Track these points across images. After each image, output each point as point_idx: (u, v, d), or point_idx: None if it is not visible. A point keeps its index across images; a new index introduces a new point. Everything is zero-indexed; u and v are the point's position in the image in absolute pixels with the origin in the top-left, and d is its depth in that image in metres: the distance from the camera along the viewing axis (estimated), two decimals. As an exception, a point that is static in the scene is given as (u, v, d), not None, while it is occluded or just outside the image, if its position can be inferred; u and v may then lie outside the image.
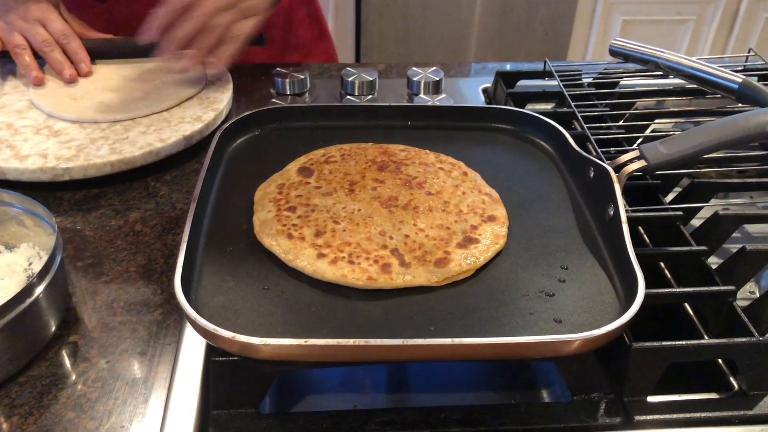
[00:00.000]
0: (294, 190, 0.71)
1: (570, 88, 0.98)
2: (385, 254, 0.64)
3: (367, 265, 0.62)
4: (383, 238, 0.65)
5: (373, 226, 0.67)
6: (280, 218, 0.67)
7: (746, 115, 0.67)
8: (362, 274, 0.61)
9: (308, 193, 0.71)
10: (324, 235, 0.65)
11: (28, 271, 0.71)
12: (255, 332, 0.53)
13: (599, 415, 0.59)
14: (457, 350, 0.54)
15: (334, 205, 0.69)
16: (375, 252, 0.64)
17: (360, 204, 0.69)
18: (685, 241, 0.71)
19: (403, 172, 0.74)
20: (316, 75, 1.14)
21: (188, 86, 1.01)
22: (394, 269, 0.62)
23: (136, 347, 0.66)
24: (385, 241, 0.65)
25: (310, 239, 0.65)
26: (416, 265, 0.63)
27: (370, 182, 0.72)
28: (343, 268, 0.62)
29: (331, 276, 0.61)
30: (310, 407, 0.64)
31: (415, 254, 0.64)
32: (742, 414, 0.60)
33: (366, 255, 0.63)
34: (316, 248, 0.64)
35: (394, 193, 0.71)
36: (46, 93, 0.98)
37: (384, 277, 0.61)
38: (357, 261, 0.63)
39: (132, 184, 0.89)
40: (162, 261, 0.77)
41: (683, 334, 0.62)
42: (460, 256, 0.64)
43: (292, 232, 0.66)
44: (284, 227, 0.66)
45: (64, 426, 0.59)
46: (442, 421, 0.58)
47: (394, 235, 0.66)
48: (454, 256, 0.64)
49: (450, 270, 0.62)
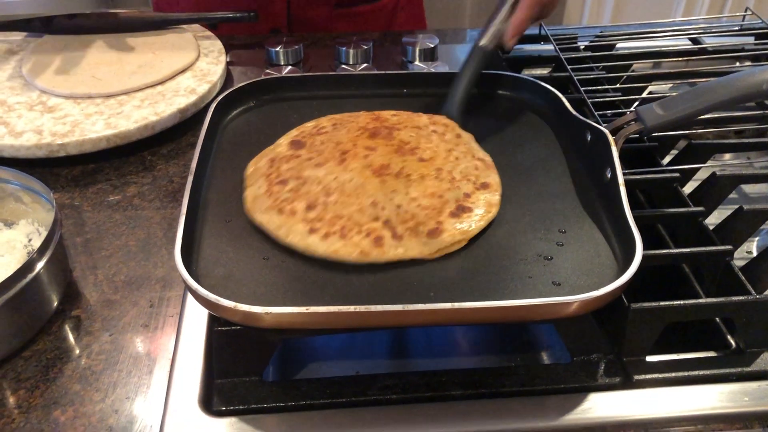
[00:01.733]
0: (285, 164, 0.70)
1: (566, 53, 0.98)
2: (377, 226, 0.62)
3: (359, 239, 0.61)
4: (375, 210, 0.64)
5: (365, 196, 0.65)
6: (270, 193, 0.66)
7: (743, 75, 0.67)
8: (354, 248, 0.61)
9: (299, 165, 0.70)
10: (315, 208, 0.64)
11: (28, 248, 0.71)
12: (256, 302, 0.54)
13: (599, 375, 0.60)
14: (457, 314, 0.54)
15: (325, 176, 0.68)
16: (367, 225, 0.63)
17: (352, 174, 0.67)
18: (682, 202, 0.71)
19: (395, 137, 0.72)
20: (309, 45, 1.13)
21: (181, 59, 1.00)
22: (386, 242, 0.61)
23: (138, 320, 0.67)
24: (377, 213, 0.64)
25: (301, 214, 0.64)
26: (409, 237, 0.62)
27: (362, 150, 0.70)
28: (334, 243, 0.61)
29: (323, 252, 0.61)
30: (312, 374, 0.65)
31: (408, 225, 0.63)
32: (739, 371, 0.60)
33: (358, 228, 0.62)
34: (307, 223, 0.63)
35: (386, 161, 0.69)
36: (38, 69, 0.97)
37: (376, 251, 0.61)
38: (349, 235, 0.62)
39: (128, 158, 0.89)
40: (161, 234, 0.77)
41: (681, 294, 0.62)
42: (452, 226, 0.63)
43: (283, 206, 0.65)
44: (275, 202, 0.65)
45: (71, 398, 0.59)
46: (443, 385, 0.59)
47: (387, 206, 0.64)
48: (447, 226, 0.63)
49: (443, 241, 0.62)
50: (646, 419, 0.57)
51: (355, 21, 1.24)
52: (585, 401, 0.58)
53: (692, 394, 0.59)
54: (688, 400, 0.59)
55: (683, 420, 0.58)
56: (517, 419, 0.57)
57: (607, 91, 0.90)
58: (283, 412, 0.57)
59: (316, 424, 0.56)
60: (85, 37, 1.04)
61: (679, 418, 0.58)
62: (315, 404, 0.58)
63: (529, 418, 0.57)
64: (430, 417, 0.57)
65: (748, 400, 0.58)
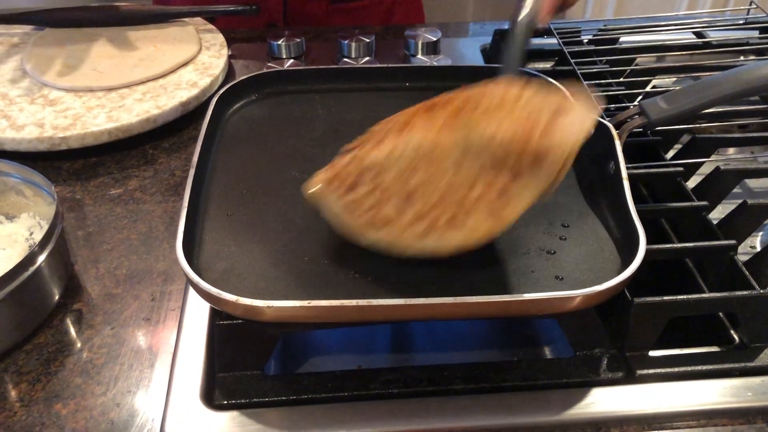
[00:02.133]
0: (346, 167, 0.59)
1: (569, 46, 0.97)
2: (486, 180, 0.54)
3: (477, 218, 0.54)
4: (466, 159, 0.54)
5: (446, 156, 0.55)
6: (350, 207, 0.58)
7: (748, 68, 0.67)
8: (475, 232, 0.55)
9: (360, 157, 0.59)
10: (410, 203, 0.56)
11: (29, 241, 0.71)
12: (258, 295, 0.53)
13: (601, 369, 0.60)
14: (459, 308, 0.54)
15: (391, 154, 0.56)
16: (474, 189, 0.54)
17: (417, 137, 0.57)
18: (686, 196, 0.71)
19: (452, 103, 0.60)
20: (311, 38, 1.13)
21: (183, 52, 1.00)
22: (511, 191, 0.54)
23: (140, 313, 0.67)
24: (470, 164, 0.54)
25: (397, 219, 0.56)
26: (528, 168, 0.53)
27: (420, 120, 0.59)
28: (453, 237, 0.55)
29: (450, 251, 0.55)
30: (314, 369, 0.65)
31: (515, 147, 0.53)
32: (742, 366, 0.60)
33: (465, 207, 0.55)
34: (410, 227, 0.56)
35: (450, 119, 0.57)
36: (40, 62, 0.97)
37: (507, 208, 0.54)
38: (462, 219, 0.55)
39: (130, 152, 0.88)
40: (163, 228, 0.77)
41: (685, 289, 0.62)
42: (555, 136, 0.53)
43: (374, 218, 0.57)
44: (362, 215, 0.57)
45: (72, 391, 0.59)
46: (445, 379, 0.59)
47: (475, 143, 0.54)
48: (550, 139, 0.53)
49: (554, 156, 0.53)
50: (648, 414, 0.57)
51: (352, 16, 1.24)
52: (587, 396, 0.58)
53: (695, 389, 0.59)
54: (691, 395, 0.58)
55: (686, 415, 0.57)
56: (519, 414, 0.57)
57: (611, 85, 0.90)
58: (285, 406, 0.57)
59: (318, 418, 0.56)
60: (87, 31, 1.04)
61: (682, 413, 0.57)
62: (317, 398, 0.58)
63: (531, 412, 0.57)
64: (432, 411, 0.57)
65: (751, 395, 0.58)
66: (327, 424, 0.56)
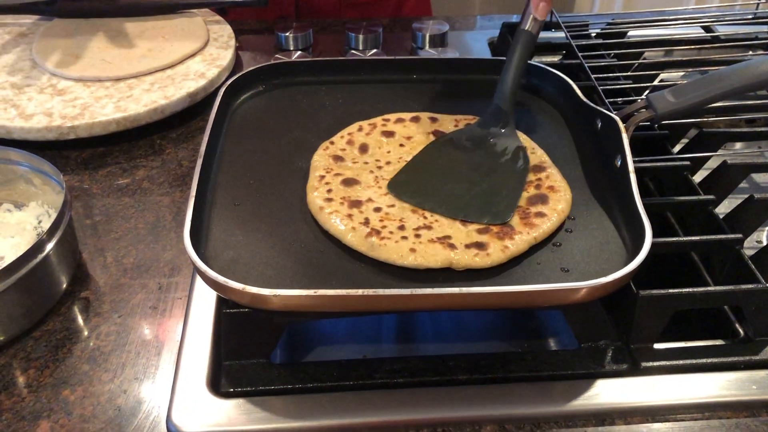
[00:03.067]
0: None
1: (577, 40, 0.97)
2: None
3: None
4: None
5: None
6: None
7: (755, 62, 0.66)
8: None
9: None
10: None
11: (38, 229, 0.72)
12: (265, 284, 0.54)
13: (606, 362, 0.60)
14: (464, 299, 0.54)
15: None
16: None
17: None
18: (692, 190, 0.71)
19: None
20: (319, 30, 1.13)
21: (191, 43, 1.00)
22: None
23: (147, 302, 0.67)
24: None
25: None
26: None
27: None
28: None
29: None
30: (320, 358, 0.65)
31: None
32: (747, 359, 0.60)
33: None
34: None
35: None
36: (48, 52, 0.97)
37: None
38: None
39: (138, 142, 0.89)
40: (170, 218, 0.77)
41: (690, 283, 0.62)
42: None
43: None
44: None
45: (80, 378, 0.60)
46: (450, 369, 0.59)
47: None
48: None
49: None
50: (653, 406, 0.57)
51: (362, 10, 1.24)
52: (592, 387, 0.58)
53: (700, 381, 0.59)
54: (695, 387, 0.58)
55: (690, 407, 0.58)
56: (523, 404, 0.57)
57: (618, 79, 0.90)
58: (290, 394, 0.57)
59: (323, 406, 0.56)
60: (96, 21, 1.04)
61: (686, 405, 0.58)
62: (322, 386, 0.58)
63: (536, 403, 0.57)
64: (437, 400, 0.57)
65: (756, 388, 0.58)
66: (332, 412, 0.56)
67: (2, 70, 0.95)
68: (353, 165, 0.70)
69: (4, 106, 0.87)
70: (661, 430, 0.56)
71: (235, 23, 1.10)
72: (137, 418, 0.57)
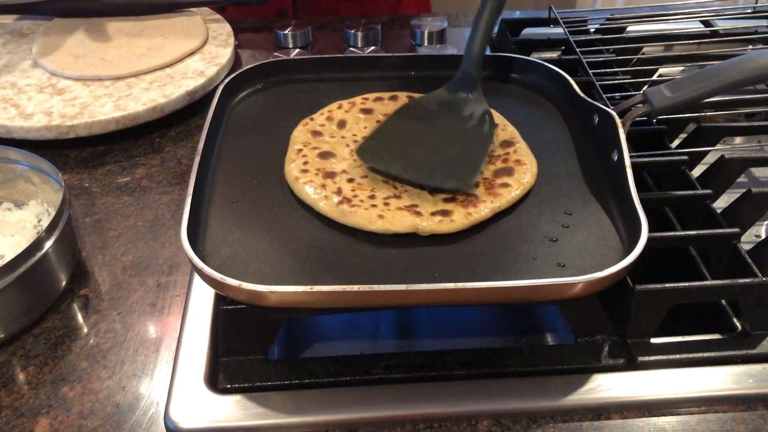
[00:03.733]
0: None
1: (576, 35, 0.97)
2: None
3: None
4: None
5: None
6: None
7: (752, 56, 0.66)
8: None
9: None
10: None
11: (37, 228, 0.72)
12: (262, 281, 0.54)
13: (603, 356, 0.60)
14: (460, 294, 0.54)
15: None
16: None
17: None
18: (690, 185, 0.71)
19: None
20: (318, 28, 1.13)
21: (190, 42, 1.00)
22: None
23: (146, 299, 0.67)
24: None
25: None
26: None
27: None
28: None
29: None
30: (317, 354, 0.66)
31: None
32: (744, 353, 0.60)
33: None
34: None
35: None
36: (48, 51, 0.98)
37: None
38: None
39: (137, 141, 0.89)
40: (169, 216, 0.77)
41: (687, 278, 0.62)
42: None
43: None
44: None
45: (78, 375, 0.60)
46: (447, 365, 0.59)
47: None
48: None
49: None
50: (649, 400, 0.57)
51: (360, 6, 1.24)
52: (588, 382, 0.58)
53: (696, 375, 0.59)
54: (692, 381, 0.58)
55: (687, 401, 0.58)
56: (519, 399, 0.57)
57: (617, 74, 0.90)
58: (288, 390, 0.58)
59: (320, 402, 0.57)
60: (95, 20, 1.05)
61: (683, 400, 0.58)
62: (319, 382, 0.58)
63: (532, 397, 0.57)
64: (433, 396, 0.57)
65: (753, 382, 0.58)
66: (329, 407, 0.56)
67: (2, 70, 0.95)
68: (330, 139, 0.73)
69: (4, 105, 0.87)
70: (658, 424, 0.56)
71: (234, 21, 1.10)
72: (135, 414, 0.57)
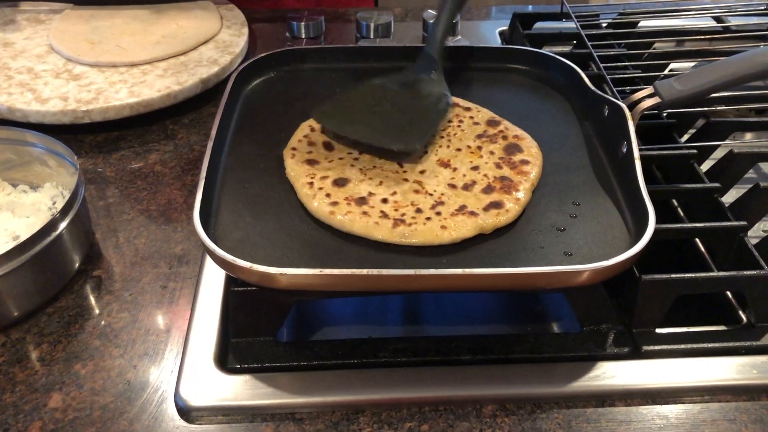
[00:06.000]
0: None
1: (587, 29, 0.97)
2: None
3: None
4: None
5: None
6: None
7: (761, 51, 0.67)
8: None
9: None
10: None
11: (52, 210, 0.73)
12: (272, 264, 0.55)
13: (608, 345, 0.61)
14: (467, 280, 0.55)
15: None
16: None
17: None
18: (698, 178, 0.71)
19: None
20: (331, 19, 1.14)
21: (204, 30, 1.01)
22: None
23: (157, 281, 0.68)
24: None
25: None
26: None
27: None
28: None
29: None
30: (325, 337, 0.67)
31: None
32: (749, 345, 0.61)
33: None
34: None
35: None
36: (65, 37, 0.99)
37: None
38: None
39: (151, 127, 0.90)
40: (181, 200, 0.78)
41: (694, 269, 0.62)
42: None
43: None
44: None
45: (91, 353, 0.61)
46: (453, 350, 0.60)
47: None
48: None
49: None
50: (653, 388, 0.58)
51: None
52: (593, 369, 0.59)
53: (701, 365, 0.59)
54: (696, 371, 0.59)
55: (690, 390, 0.58)
56: (525, 384, 0.58)
57: (627, 68, 0.90)
58: (296, 371, 0.59)
59: (328, 383, 0.58)
60: (111, 8, 1.06)
61: (686, 389, 0.58)
62: (327, 364, 0.59)
63: (537, 383, 0.58)
64: (439, 380, 0.58)
65: (757, 372, 0.59)
66: (336, 389, 0.57)
67: (20, 55, 0.96)
68: (330, 164, 0.68)
69: (21, 90, 0.89)
70: (661, 412, 0.57)
71: (248, 11, 1.11)
72: (146, 392, 0.58)
